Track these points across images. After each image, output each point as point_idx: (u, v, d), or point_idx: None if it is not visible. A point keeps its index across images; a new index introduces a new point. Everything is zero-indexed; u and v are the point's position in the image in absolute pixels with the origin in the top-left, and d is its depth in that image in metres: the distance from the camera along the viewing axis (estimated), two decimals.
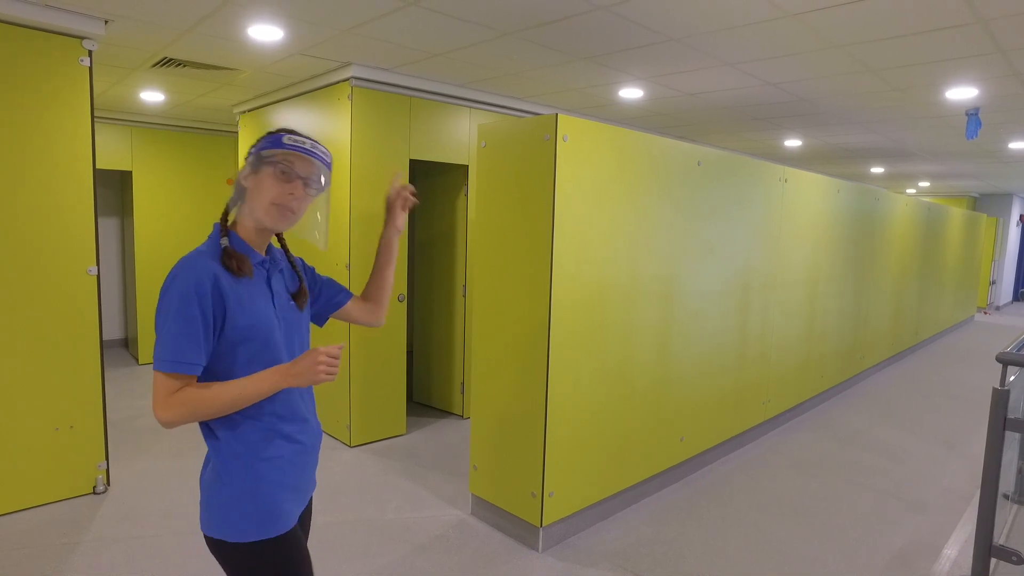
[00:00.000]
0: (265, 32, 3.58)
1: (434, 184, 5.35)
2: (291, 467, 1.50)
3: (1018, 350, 2.62)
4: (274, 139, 1.48)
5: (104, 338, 7.22)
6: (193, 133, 6.78)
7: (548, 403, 3.01)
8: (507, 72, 4.44)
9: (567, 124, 2.93)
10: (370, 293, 1.81)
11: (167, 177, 6.65)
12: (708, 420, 4.17)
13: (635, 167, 3.36)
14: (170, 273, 1.38)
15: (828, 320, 5.74)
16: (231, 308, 1.40)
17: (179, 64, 4.33)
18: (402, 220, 1.79)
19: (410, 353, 5.66)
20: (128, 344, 7.31)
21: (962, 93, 4.56)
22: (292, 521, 1.49)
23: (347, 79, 4.32)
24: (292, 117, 5.05)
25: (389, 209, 1.78)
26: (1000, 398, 2.43)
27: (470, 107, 5.03)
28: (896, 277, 7.47)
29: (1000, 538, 3.25)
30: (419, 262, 5.55)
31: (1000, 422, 2.44)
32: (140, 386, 5.90)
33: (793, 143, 7.41)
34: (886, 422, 5.44)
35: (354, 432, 4.49)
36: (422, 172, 5.45)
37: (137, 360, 6.72)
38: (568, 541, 3.23)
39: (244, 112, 5.80)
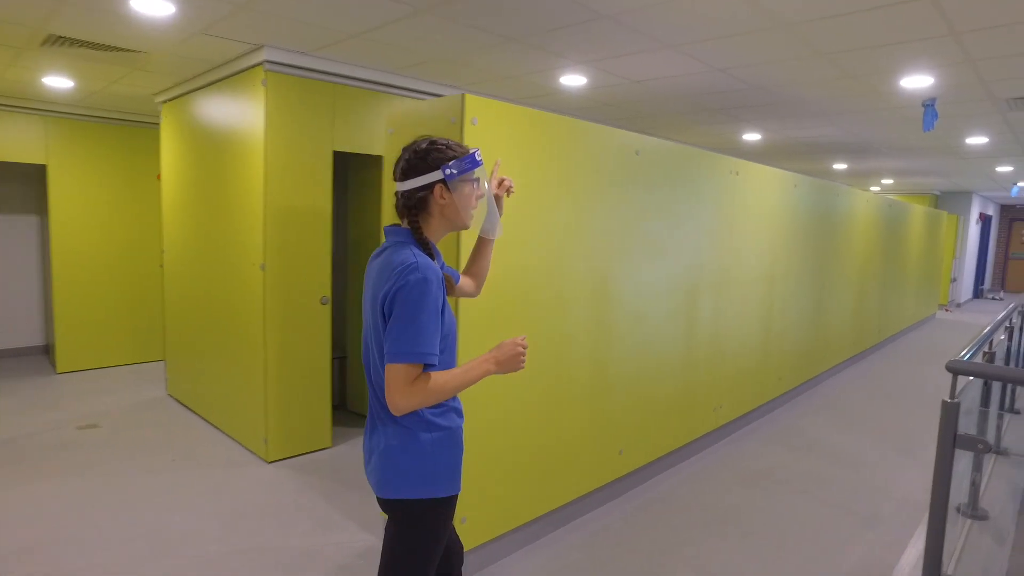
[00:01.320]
0: (151, 5, 3.20)
1: (366, 178, 5.00)
2: (461, 433, 1.73)
3: (971, 355, 2.37)
4: (470, 160, 1.66)
5: (22, 345, 6.79)
6: (113, 124, 6.31)
7: None
8: (436, 58, 4.11)
9: (476, 105, 2.60)
10: (472, 269, 1.96)
11: (86, 171, 6.19)
12: (651, 431, 3.89)
13: (562, 155, 3.05)
14: (408, 273, 1.51)
15: (786, 320, 5.50)
16: (446, 311, 1.61)
17: (72, 43, 3.92)
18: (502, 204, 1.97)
19: (344, 359, 5.31)
20: (48, 351, 6.81)
21: (918, 82, 4.34)
22: None
23: (260, 63, 3.95)
24: (211, 106, 4.66)
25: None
26: (949, 412, 2.17)
27: (402, 96, 4.69)
28: (858, 275, 7.29)
29: (952, 556, 3.01)
30: (352, 261, 5.19)
31: (950, 438, 2.18)
32: (55, 397, 5.45)
33: (752, 137, 7.18)
34: (844, 427, 5.22)
35: (272, 446, 4.12)
36: (355, 166, 5.10)
37: (55, 368, 6.24)
38: (488, 570, 2.91)
39: (166, 101, 5.39)
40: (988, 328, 3.00)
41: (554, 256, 3.06)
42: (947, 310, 13.40)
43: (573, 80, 4.64)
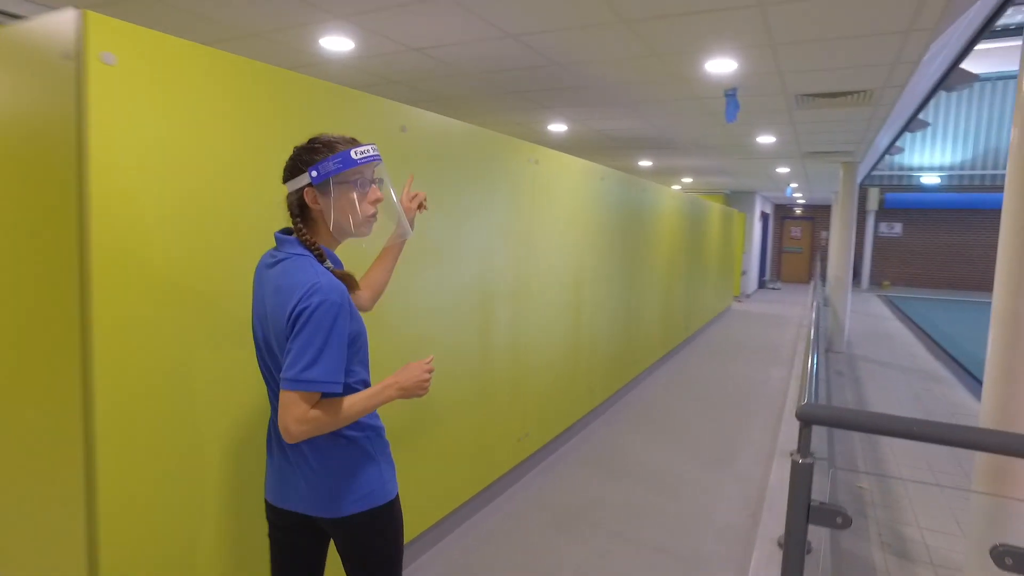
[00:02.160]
0: None
1: None
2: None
3: (814, 395, 1.84)
4: (343, 158, 1.48)
5: None
6: None
7: (98, 509, 1.67)
8: None
9: (112, 34, 1.59)
10: (368, 278, 1.82)
11: None
12: (440, 483, 3.10)
13: (288, 128, 2.12)
14: (308, 295, 1.38)
15: (596, 326, 5.03)
16: (354, 323, 1.48)
17: None
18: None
19: None
20: None
21: (722, 66, 4.01)
22: None
23: None
24: None
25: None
26: (801, 475, 1.60)
27: None
28: (665, 272, 7.16)
29: None
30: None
31: (802, 511, 1.60)
32: None
33: (558, 128, 6.75)
34: (658, 440, 4.86)
35: None
36: None
37: None
38: None
39: None
40: (812, 365, 2.59)
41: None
42: (740, 301, 14.37)
43: (337, 43, 3.71)
